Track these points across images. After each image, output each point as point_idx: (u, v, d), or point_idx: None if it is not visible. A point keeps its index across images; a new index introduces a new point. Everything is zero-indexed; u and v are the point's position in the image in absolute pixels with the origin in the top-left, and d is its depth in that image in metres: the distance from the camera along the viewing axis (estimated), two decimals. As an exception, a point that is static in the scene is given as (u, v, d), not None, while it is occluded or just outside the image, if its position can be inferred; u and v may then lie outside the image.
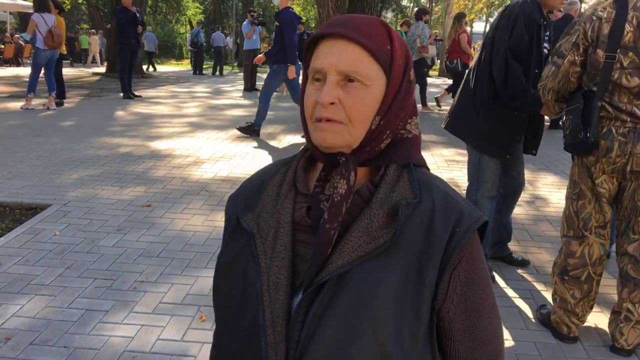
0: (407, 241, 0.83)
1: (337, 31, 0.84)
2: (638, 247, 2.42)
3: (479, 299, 0.87)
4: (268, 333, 0.82)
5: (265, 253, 0.86)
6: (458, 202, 0.87)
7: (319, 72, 0.85)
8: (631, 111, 2.28)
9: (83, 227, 3.93)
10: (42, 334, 2.57)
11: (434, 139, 7.73)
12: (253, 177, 1.00)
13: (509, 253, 3.55)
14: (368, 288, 0.80)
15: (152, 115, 9.39)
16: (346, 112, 0.83)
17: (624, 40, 2.26)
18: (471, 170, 3.31)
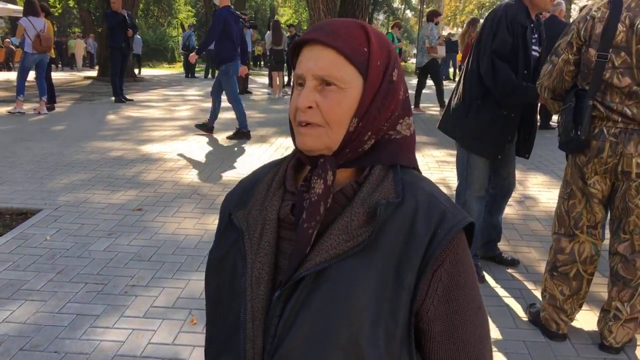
0: (387, 241, 0.83)
1: (314, 37, 0.86)
2: (628, 246, 2.44)
3: (462, 301, 0.86)
4: (248, 327, 0.85)
5: (252, 249, 0.88)
6: (441, 203, 0.87)
7: (300, 78, 0.87)
8: (622, 111, 2.29)
9: (74, 231, 3.92)
10: (33, 339, 2.57)
11: (425, 139, 7.76)
12: (249, 176, 1.02)
13: (499, 253, 3.57)
14: (344, 286, 0.81)
15: (143, 118, 9.37)
16: (323, 116, 0.85)
17: (617, 40, 2.27)
18: (459, 170, 3.33)
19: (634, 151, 2.30)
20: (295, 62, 0.90)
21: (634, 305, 2.48)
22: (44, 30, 8.87)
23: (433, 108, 11.51)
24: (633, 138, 2.29)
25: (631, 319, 2.50)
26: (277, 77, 13.50)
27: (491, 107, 3.06)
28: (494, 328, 2.78)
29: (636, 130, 2.29)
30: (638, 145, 2.29)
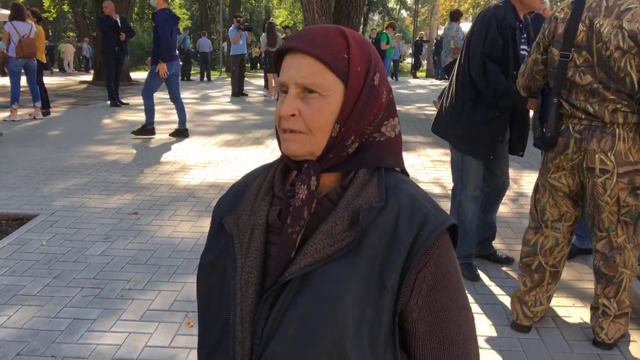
0: (370, 244, 0.84)
1: (295, 45, 0.87)
2: (606, 244, 2.47)
3: (446, 300, 0.88)
4: (237, 329, 0.87)
5: (242, 253, 0.90)
6: (424, 205, 0.88)
7: (283, 85, 0.88)
8: (585, 109, 2.36)
9: (70, 236, 3.93)
10: (30, 344, 2.58)
11: (421, 139, 7.78)
12: (240, 180, 1.04)
13: (494, 251, 3.59)
14: (329, 289, 0.83)
15: (139, 122, 9.34)
16: (305, 123, 0.86)
17: (578, 39, 2.34)
18: (454, 171, 3.36)
19: (596, 147, 2.35)
20: (279, 69, 0.92)
21: (621, 301, 2.50)
22: (28, 35, 8.84)
23: (429, 108, 11.53)
24: (596, 135, 2.35)
25: (621, 314, 2.53)
26: (273, 78, 13.50)
27: (483, 109, 3.08)
28: (489, 325, 2.80)
29: (599, 127, 2.34)
30: (600, 142, 2.34)
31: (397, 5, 45.26)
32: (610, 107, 2.30)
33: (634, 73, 2.23)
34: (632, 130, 2.33)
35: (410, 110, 11.69)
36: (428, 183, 5.50)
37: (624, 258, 2.45)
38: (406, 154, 6.87)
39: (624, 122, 2.31)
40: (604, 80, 2.29)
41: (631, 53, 2.20)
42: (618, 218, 2.40)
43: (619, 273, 2.47)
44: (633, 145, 2.34)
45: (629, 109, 2.29)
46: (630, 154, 2.34)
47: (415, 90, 16.86)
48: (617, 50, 2.22)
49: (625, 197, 2.37)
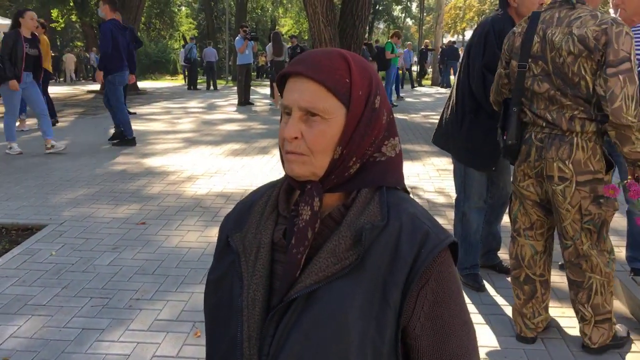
0: (373, 262, 0.87)
1: (298, 70, 0.90)
2: (572, 252, 2.50)
3: (447, 317, 0.90)
4: (244, 346, 0.90)
5: (248, 271, 0.93)
6: (424, 223, 0.91)
7: (287, 108, 0.91)
8: (545, 117, 2.41)
9: (79, 246, 3.98)
10: (40, 353, 2.61)
11: (427, 148, 7.81)
12: (246, 197, 1.06)
13: (499, 261, 3.60)
14: (333, 307, 0.86)
15: (146, 132, 9.45)
16: (308, 145, 0.89)
17: (533, 50, 2.44)
18: (457, 182, 3.38)
19: (555, 155, 2.39)
20: (283, 90, 0.94)
21: (595, 305, 2.51)
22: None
23: (435, 116, 11.56)
24: (555, 143, 2.39)
25: (603, 319, 2.54)
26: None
27: (484, 120, 3.10)
28: (494, 336, 2.81)
29: (558, 135, 2.39)
30: (559, 150, 2.38)
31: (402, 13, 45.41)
32: (567, 115, 2.35)
33: (588, 76, 2.28)
34: (591, 140, 2.36)
35: (415, 118, 11.72)
36: (433, 192, 5.52)
37: (590, 264, 2.47)
38: (411, 163, 6.90)
39: (581, 130, 2.34)
40: (560, 87, 2.35)
41: (582, 57, 2.26)
42: (581, 226, 2.43)
43: (587, 278, 2.49)
44: (593, 154, 2.37)
45: (587, 115, 2.32)
46: (590, 163, 2.37)
47: (420, 98, 16.89)
48: (569, 55, 2.30)
49: (587, 206, 2.39)
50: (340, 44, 9.66)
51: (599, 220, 2.42)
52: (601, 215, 2.41)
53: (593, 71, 2.27)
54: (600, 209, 2.39)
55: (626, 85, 2.18)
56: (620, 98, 2.18)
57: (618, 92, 2.18)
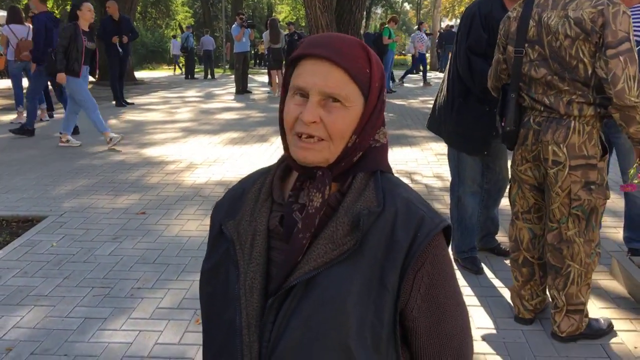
0: (370, 247, 0.88)
1: (322, 53, 0.88)
2: (556, 235, 2.49)
3: (443, 298, 0.93)
4: (244, 333, 0.90)
5: (244, 259, 0.93)
6: (420, 208, 0.92)
7: (302, 90, 0.89)
8: (543, 101, 2.41)
9: (79, 237, 4.00)
10: (43, 343, 2.64)
11: (425, 134, 7.80)
12: (237, 185, 1.06)
13: (497, 244, 3.63)
14: (332, 292, 0.87)
15: (144, 122, 9.44)
16: (327, 130, 0.89)
17: (529, 34, 2.41)
18: (452, 167, 3.39)
19: (550, 138, 2.39)
20: (292, 72, 0.93)
21: (570, 295, 2.51)
22: (25, 38, 8.93)
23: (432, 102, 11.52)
24: (551, 126, 2.39)
25: (575, 310, 2.54)
26: (277, 75, 13.54)
27: (474, 104, 3.10)
28: (493, 318, 2.84)
29: (556, 118, 2.38)
30: (555, 133, 2.38)
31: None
32: (565, 99, 2.34)
33: (586, 59, 2.26)
34: (588, 124, 2.34)
35: (413, 104, 11.71)
36: (431, 177, 5.54)
37: (571, 251, 2.46)
38: (410, 148, 6.90)
39: (579, 114, 2.33)
40: (558, 71, 2.33)
41: (580, 40, 2.24)
42: (569, 211, 2.42)
43: (566, 265, 2.49)
44: (589, 139, 2.35)
45: (585, 99, 2.31)
46: (584, 148, 2.35)
47: (418, 83, 16.84)
48: (566, 38, 2.27)
49: (577, 191, 2.38)
50: (337, 29, 9.61)
51: (588, 207, 2.40)
52: (591, 202, 2.39)
53: (591, 54, 2.24)
54: (591, 195, 2.38)
55: (627, 65, 2.15)
56: (623, 79, 2.15)
57: (620, 74, 2.15)
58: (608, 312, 2.88)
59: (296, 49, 0.93)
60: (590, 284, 2.55)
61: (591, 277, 2.53)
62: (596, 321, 2.66)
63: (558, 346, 2.58)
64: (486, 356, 2.52)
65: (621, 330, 2.71)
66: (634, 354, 2.52)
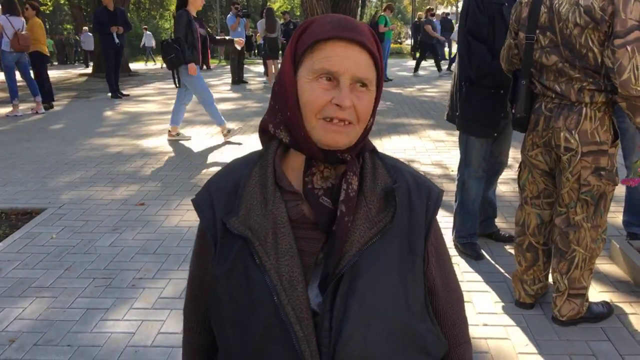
0: (397, 221, 0.94)
1: (353, 37, 0.88)
2: (564, 219, 2.50)
3: (445, 255, 1.04)
4: (296, 329, 0.86)
5: (268, 254, 0.88)
6: (425, 180, 1.02)
7: (332, 74, 0.88)
8: (554, 88, 2.40)
9: (79, 228, 3.99)
10: (46, 334, 2.65)
11: (422, 121, 7.80)
12: (220, 178, 0.99)
13: (497, 230, 3.64)
14: (376, 268, 0.90)
15: (141, 113, 9.41)
16: (357, 114, 0.90)
17: (541, 21, 2.40)
18: (461, 150, 3.41)
19: (562, 125, 2.39)
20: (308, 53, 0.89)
21: (572, 279, 2.52)
22: (22, 29, 8.88)
23: (430, 90, 11.52)
24: (563, 113, 2.38)
25: (577, 294, 2.55)
26: (272, 65, 13.48)
27: (480, 88, 3.11)
28: (493, 302, 2.86)
29: (567, 105, 2.38)
30: (567, 120, 2.37)
31: (394, -14, 44.86)
32: (576, 86, 2.33)
33: (595, 47, 2.24)
34: (600, 110, 2.34)
35: (411, 92, 11.68)
36: (430, 165, 5.54)
37: (577, 236, 2.47)
38: (408, 136, 6.90)
39: (590, 101, 2.32)
40: (569, 58, 2.32)
41: (589, 28, 2.22)
42: (578, 196, 2.42)
43: (571, 250, 2.50)
44: (600, 125, 2.34)
45: (596, 86, 2.30)
46: (596, 134, 2.34)
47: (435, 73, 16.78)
48: (576, 27, 2.26)
49: (587, 176, 2.38)
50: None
51: (597, 193, 2.40)
52: (600, 188, 2.39)
53: (601, 42, 2.22)
54: (600, 181, 2.38)
55: (635, 55, 2.12)
56: (629, 69, 2.13)
57: (626, 64, 2.13)
58: (608, 296, 2.89)
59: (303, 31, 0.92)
60: (592, 269, 2.56)
61: (594, 262, 2.54)
62: (596, 305, 2.68)
63: (559, 330, 2.59)
64: (487, 341, 2.53)
65: (621, 313, 2.72)
66: (634, 336, 2.54)
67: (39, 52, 9.50)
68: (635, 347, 2.46)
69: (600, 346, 2.47)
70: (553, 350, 2.45)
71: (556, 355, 2.41)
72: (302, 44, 0.90)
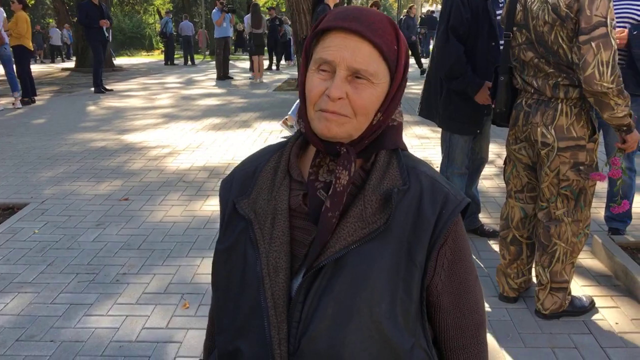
0: (397, 225, 0.88)
1: (352, 27, 0.85)
2: (546, 214, 2.54)
3: (463, 273, 0.95)
4: (270, 314, 0.87)
5: (264, 238, 0.90)
6: (444, 186, 0.93)
7: (328, 64, 0.86)
8: (532, 84, 2.44)
9: (62, 224, 3.95)
10: (28, 330, 2.62)
11: (407, 118, 7.83)
12: (245, 162, 1.03)
13: (480, 225, 3.67)
14: (363, 270, 0.86)
15: (124, 108, 9.32)
16: (352, 107, 0.86)
17: (517, 18, 2.46)
18: (443, 148, 3.43)
19: (539, 120, 2.42)
20: (315, 45, 0.89)
21: (554, 272, 2.56)
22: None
23: (414, 87, 11.57)
24: (540, 108, 2.42)
25: (559, 288, 2.59)
26: (258, 61, 13.43)
27: None
28: (478, 297, 2.88)
29: (544, 101, 2.42)
30: (544, 115, 2.41)
31: (380, -17, 44.89)
32: (551, 82, 2.37)
33: (565, 44, 2.29)
34: (576, 105, 2.37)
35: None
36: (415, 161, 5.56)
37: (559, 230, 2.50)
38: (393, 132, 6.91)
39: (565, 97, 2.36)
40: (543, 54, 2.37)
41: (557, 25, 2.27)
42: (558, 191, 2.46)
43: (553, 244, 2.53)
44: (577, 120, 2.37)
45: (570, 81, 2.33)
46: (573, 129, 2.37)
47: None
48: (545, 24, 2.32)
49: (565, 171, 2.41)
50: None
51: (576, 187, 2.43)
52: (579, 183, 2.42)
53: (569, 38, 2.27)
54: (579, 176, 2.41)
55: (600, 51, 2.15)
56: (593, 65, 2.16)
57: (590, 60, 2.16)
58: (590, 290, 2.94)
59: (320, 20, 0.90)
60: (574, 263, 2.59)
61: (577, 256, 2.57)
62: (578, 299, 2.72)
63: (542, 323, 2.63)
64: (472, 334, 2.55)
65: (602, 307, 2.76)
66: (615, 329, 2.58)
67: (23, 47, 9.37)
68: (616, 340, 2.50)
69: (582, 339, 2.50)
70: (536, 344, 2.48)
71: (539, 349, 2.44)
72: (312, 35, 0.91)
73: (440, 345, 0.99)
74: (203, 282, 3.07)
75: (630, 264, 2.98)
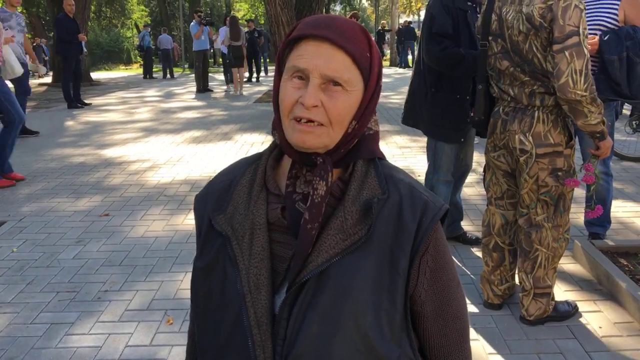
0: (379, 234, 0.88)
1: (325, 34, 0.85)
2: (527, 220, 2.56)
3: (446, 280, 0.94)
4: (254, 332, 0.85)
5: (243, 254, 0.88)
6: (422, 193, 0.93)
7: (302, 72, 0.86)
8: (509, 92, 2.48)
9: (41, 241, 3.88)
10: (8, 351, 2.55)
11: (388, 127, 7.88)
12: (219, 176, 1.01)
13: (463, 232, 3.69)
14: (346, 282, 0.85)
15: (103, 123, 9.23)
16: (328, 115, 0.85)
17: (492, 28, 2.51)
18: (429, 156, 3.45)
19: (517, 128, 2.46)
20: (288, 54, 0.89)
21: (537, 278, 2.58)
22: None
23: (395, 97, 11.65)
24: (517, 116, 2.46)
25: (542, 293, 2.61)
26: (237, 73, 13.42)
27: (446, 93, 3.18)
28: (463, 305, 2.89)
29: (521, 109, 2.46)
30: (521, 123, 2.45)
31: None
32: (527, 90, 2.42)
33: (539, 53, 2.33)
34: (552, 112, 2.41)
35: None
36: (397, 170, 5.59)
37: (539, 235, 2.53)
38: (374, 142, 6.95)
39: (541, 104, 2.40)
40: (519, 63, 2.41)
41: (531, 34, 2.32)
42: (537, 197, 2.49)
43: (534, 249, 2.56)
44: (553, 127, 2.41)
45: (545, 89, 2.37)
46: (550, 136, 2.41)
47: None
48: (520, 34, 2.36)
49: (544, 178, 2.44)
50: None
51: (555, 193, 2.47)
52: (558, 189, 2.46)
53: (544, 47, 2.31)
54: (557, 181, 2.44)
55: (573, 60, 2.20)
56: (567, 74, 2.21)
57: (564, 68, 2.21)
58: (573, 295, 2.96)
59: (293, 29, 0.90)
60: (556, 268, 2.62)
61: (558, 261, 2.60)
62: (562, 304, 2.74)
63: (527, 329, 2.64)
64: (458, 342, 2.56)
65: (586, 311, 2.79)
66: (598, 333, 2.60)
67: None
68: (600, 344, 2.52)
69: (567, 344, 2.52)
70: (522, 350, 2.49)
71: (525, 355, 2.45)
72: (285, 44, 0.90)
73: (426, 352, 0.98)
74: (186, 297, 3.03)
75: (612, 268, 3.02)
